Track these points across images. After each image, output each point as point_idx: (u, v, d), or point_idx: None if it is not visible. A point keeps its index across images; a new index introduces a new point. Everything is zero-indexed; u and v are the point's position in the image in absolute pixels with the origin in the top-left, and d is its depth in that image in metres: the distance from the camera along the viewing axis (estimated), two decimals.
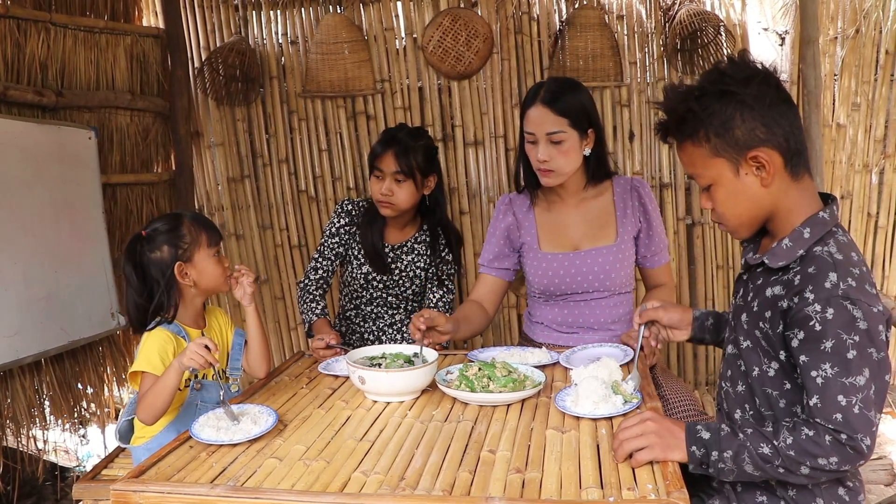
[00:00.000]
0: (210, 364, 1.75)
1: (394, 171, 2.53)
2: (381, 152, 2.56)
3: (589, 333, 2.34)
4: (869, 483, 2.92)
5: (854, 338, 1.30)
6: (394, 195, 2.54)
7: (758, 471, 1.35)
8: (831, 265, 1.36)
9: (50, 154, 2.81)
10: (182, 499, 1.35)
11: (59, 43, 3.01)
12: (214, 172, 3.79)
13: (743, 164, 1.42)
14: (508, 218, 2.41)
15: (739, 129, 1.40)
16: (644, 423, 1.42)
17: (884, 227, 3.68)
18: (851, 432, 1.28)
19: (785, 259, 1.43)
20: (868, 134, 3.58)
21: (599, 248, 2.30)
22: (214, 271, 2.02)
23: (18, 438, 2.83)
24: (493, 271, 2.44)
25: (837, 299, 1.32)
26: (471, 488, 1.32)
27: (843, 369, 1.30)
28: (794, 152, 1.42)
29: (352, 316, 2.80)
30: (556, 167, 2.21)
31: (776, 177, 1.42)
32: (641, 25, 3.59)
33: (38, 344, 2.70)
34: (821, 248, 1.40)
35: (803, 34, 3.06)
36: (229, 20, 3.69)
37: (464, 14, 3.53)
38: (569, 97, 2.19)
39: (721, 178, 1.45)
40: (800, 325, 1.35)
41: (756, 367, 1.49)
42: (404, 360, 1.91)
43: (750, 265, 1.56)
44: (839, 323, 1.31)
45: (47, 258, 2.76)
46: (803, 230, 1.43)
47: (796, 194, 1.45)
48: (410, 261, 2.68)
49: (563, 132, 2.18)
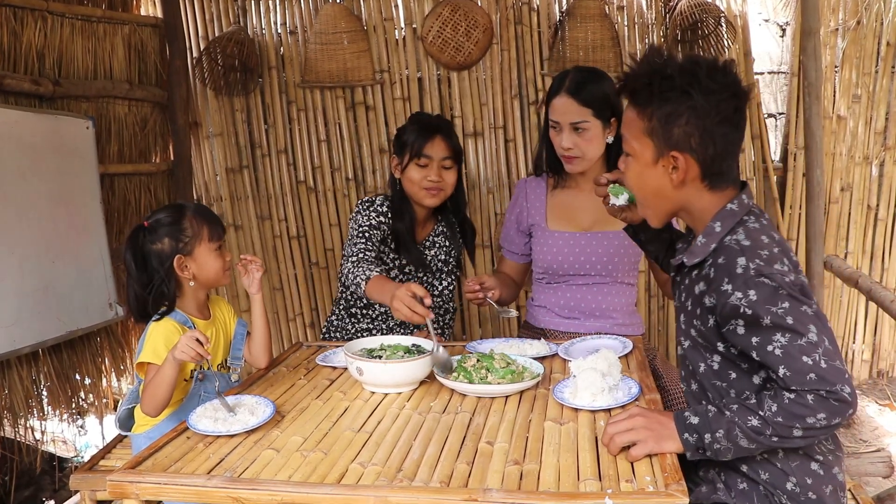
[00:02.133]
0: (202, 357, 1.75)
1: (443, 156, 2.43)
2: (427, 139, 2.42)
3: (590, 320, 2.35)
4: (867, 475, 2.92)
5: (784, 305, 1.33)
6: (443, 181, 2.44)
7: (753, 443, 1.36)
8: (738, 251, 1.40)
9: (47, 144, 2.79)
10: (178, 489, 1.35)
11: (56, 32, 2.99)
12: (213, 163, 3.78)
13: (663, 157, 1.47)
14: (521, 202, 2.46)
15: (679, 129, 1.44)
16: (632, 417, 1.42)
17: (883, 219, 3.68)
18: (829, 385, 1.29)
19: (700, 255, 1.48)
20: (868, 126, 3.58)
21: (607, 232, 2.32)
22: (214, 265, 2.01)
23: (16, 429, 2.83)
24: (507, 254, 2.53)
25: (752, 279, 1.36)
26: (468, 480, 1.32)
27: (793, 333, 1.32)
28: (716, 172, 1.47)
29: (355, 312, 2.72)
30: (580, 153, 2.26)
31: (689, 183, 1.48)
32: (642, 16, 3.57)
33: (35, 334, 2.70)
34: (730, 237, 1.45)
35: (804, 25, 3.04)
36: (228, 10, 3.67)
37: (463, 4, 3.51)
38: (593, 87, 2.23)
39: (641, 156, 1.51)
40: (733, 315, 1.38)
41: (701, 363, 1.53)
42: (403, 352, 1.90)
43: (678, 267, 1.60)
44: (764, 298, 1.34)
45: (45, 248, 2.75)
46: (714, 224, 1.48)
47: (713, 199, 1.50)
48: (433, 255, 2.61)
49: (586, 121, 2.22)
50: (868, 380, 3.90)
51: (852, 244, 3.74)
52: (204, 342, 1.74)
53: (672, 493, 1.22)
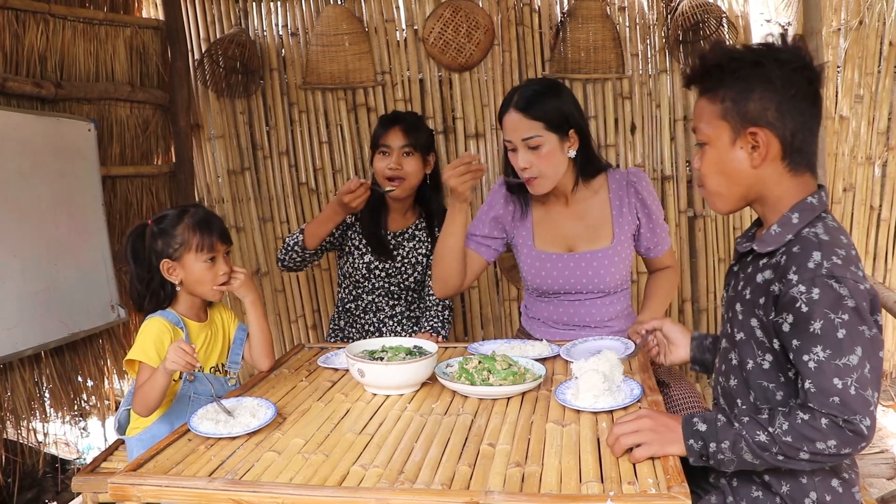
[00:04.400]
0: (192, 366, 1.75)
1: (401, 144, 2.59)
2: (387, 129, 2.62)
3: (586, 331, 2.32)
4: (871, 477, 2.91)
5: (842, 316, 1.28)
6: (402, 169, 2.59)
7: (757, 459, 1.33)
8: (815, 244, 1.35)
9: (49, 146, 2.79)
10: (180, 492, 1.35)
11: (58, 34, 2.99)
12: (214, 165, 3.78)
13: (741, 137, 1.42)
14: (508, 207, 2.36)
15: (753, 103, 1.39)
16: (639, 419, 1.41)
17: (886, 219, 3.67)
18: (850, 414, 1.26)
19: (774, 244, 1.42)
20: (871, 126, 3.57)
21: (594, 252, 2.26)
22: (201, 277, 1.98)
23: (18, 431, 2.83)
24: (473, 244, 2.38)
25: (822, 278, 1.30)
26: (470, 482, 1.32)
27: (835, 350, 1.27)
28: (797, 149, 1.41)
29: (352, 308, 2.80)
30: (538, 173, 2.16)
31: (769, 162, 1.42)
32: (643, 17, 3.57)
33: (37, 336, 2.70)
34: (808, 229, 1.40)
35: (806, 25, 3.03)
36: (229, 12, 3.68)
37: (465, 5, 3.51)
38: (543, 101, 2.13)
39: (717, 141, 1.45)
40: (787, 308, 1.34)
41: (750, 359, 1.47)
42: (404, 353, 1.90)
43: (741, 255, 1.55)
44: (826, 302, 1.29)
45: (47, 251, 2.75)
46: (791, 215, 1.42)
47: (790, 186, 1.44)
48: (412, 247, 2.70)
49: (538, 136, 2.12)
50: None
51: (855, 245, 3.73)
52: (190, 351, 1.75)
53: (674, 495, 1.22)
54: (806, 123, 1.41)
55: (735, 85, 1.40)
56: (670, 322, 1.82)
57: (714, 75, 1.44)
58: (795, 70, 1.38)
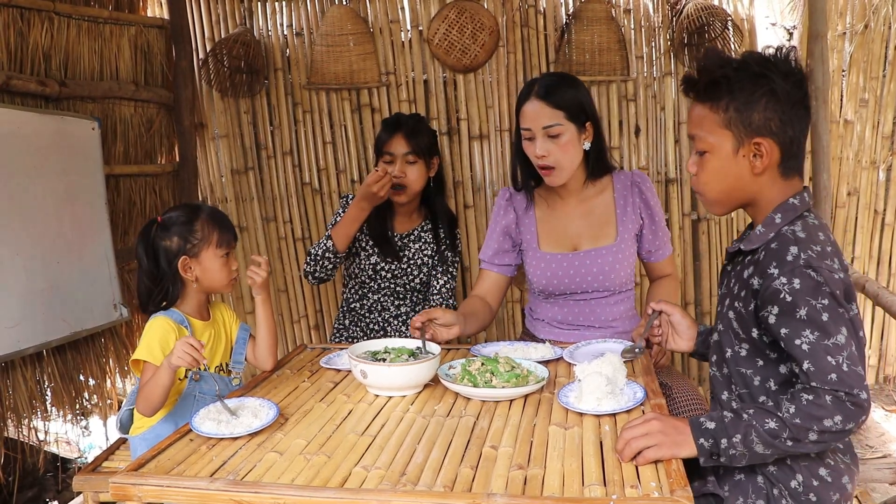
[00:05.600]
0: (198, 362, 1.75)
1: (405, 152, 2.60)
2: (390, 136, 2.63)
3: (590, 331, 2.33)
4: (873, 481, 2.90)
5: (823, 301, 1.36)
6: (406, 176, 2.61)
7: (768, 448, 1.37)
8: (792, 240, 1.42)
9: (53, 144, 2.79)
10: (181, 492, 1.35)
11: (62, 33, 2.99)
12: (218, 164, 3.78)
13: (745, 146, 1.48)
14: (509, 215, 2.39)
15: (759, 114, 1.44)
16: (649, 422, 1.41)
17: (890, 224, 3.66)
18: (848, 388, 1.32)
19: (758, 243, 1.50)
20: (876, 130, 3.56)
21: (599, 249, 2.28)
22: (219, 272, 2.01)
23: (20, 429, 2.83)
24: (495, 267, 2.43)
25: (800, 269, 1.38)
26: (472, 484, 1.31)
27: (823, 333, 1.35)
28: (793, 155, 1.49)
29: (357, 308, 2.81)
30: (555, 162, 2.19)
31: (768, 170, 1.48)
32: (648, 19, 3.56)
33: (39, 335, 2.70)
34: (788, 227, 1.46)
35: (811, 29, 3.03)
36: (234, 11, 3.68)
37: (470, 7, 3.51)
38: (563, 90, 2.18)
39: (720, 149, 1.50)
40: (772, 300, 1.41)
41: (729, 348, 1.56)
42: (407, 355, 1.90)
43: (732, 255, 1.62)
44: (806, 290, 1.37)
45: (49, 249, 2.75)
46: (775, 215, 1.49)
47: (781, 188, 1.51)
48: (418, 248, 2.72)
49: (559, 125, 2.16)
50: (874, 385, 3.88)
51: (859, 249, 3.72)
52: (199, 347, 1.75)
53: (677, 498, 1.21)
54: (802, 131, 1.49)
55: (740, 95, 1.45)
56: (681, 312, 1.85)
57: (719, 85, 1.47)
58: (796, 82, 1.45)
